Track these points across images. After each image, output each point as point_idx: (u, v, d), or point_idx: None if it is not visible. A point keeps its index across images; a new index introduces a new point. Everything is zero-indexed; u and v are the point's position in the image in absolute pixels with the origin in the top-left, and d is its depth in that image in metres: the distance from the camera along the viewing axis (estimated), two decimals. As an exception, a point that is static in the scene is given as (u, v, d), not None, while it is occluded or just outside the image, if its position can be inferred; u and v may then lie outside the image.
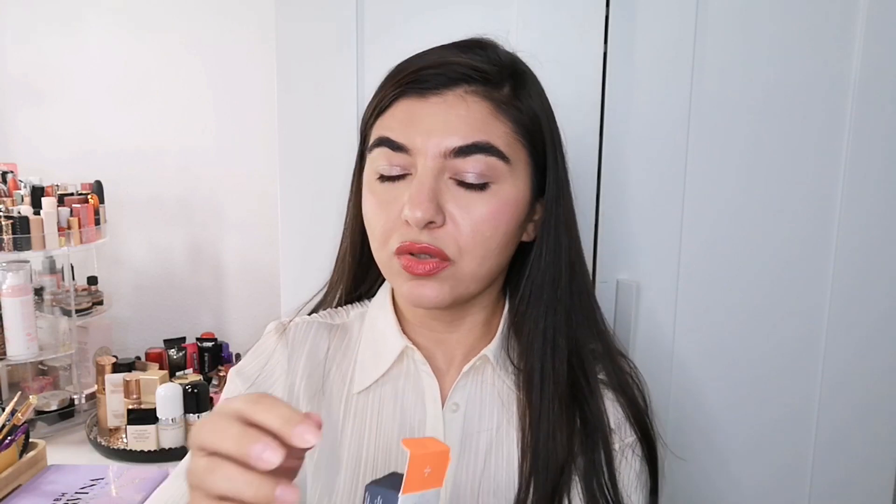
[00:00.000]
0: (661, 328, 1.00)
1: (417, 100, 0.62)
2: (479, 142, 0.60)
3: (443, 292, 0.62)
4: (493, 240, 0.62)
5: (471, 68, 0.62)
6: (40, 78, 1.55)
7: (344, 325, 0.74)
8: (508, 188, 0.62)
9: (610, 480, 0.65)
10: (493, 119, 0.62)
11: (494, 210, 0.61)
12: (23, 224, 1.28)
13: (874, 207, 0.98)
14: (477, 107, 0.62)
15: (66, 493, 1.03)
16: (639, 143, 0.96)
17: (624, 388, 0.70)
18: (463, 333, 0.70)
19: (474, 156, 0.60)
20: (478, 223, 0.61)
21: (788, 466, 1.04)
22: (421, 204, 0.59)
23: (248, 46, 1.49)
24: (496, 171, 0.61)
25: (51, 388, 1.39)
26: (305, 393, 0.70)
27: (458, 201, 0.61)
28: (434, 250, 0.61)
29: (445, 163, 0.61)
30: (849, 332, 1.01)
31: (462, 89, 0.62)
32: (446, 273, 0.62)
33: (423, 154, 0.61)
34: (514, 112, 0.63)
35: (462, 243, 0.61)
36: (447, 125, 0.61)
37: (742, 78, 0.95)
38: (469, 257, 0.62)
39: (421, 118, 0.61)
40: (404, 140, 0.61)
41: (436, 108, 0.61)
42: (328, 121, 0.97)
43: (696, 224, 0.98)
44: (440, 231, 0.61)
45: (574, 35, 0.94)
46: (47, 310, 1.37)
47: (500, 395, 0.69)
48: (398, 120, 0.63)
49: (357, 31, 0.95)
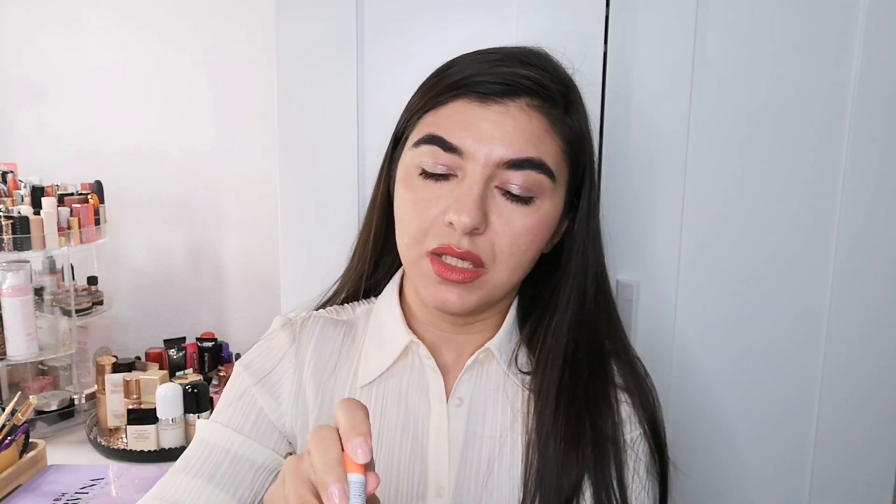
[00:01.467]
0: (660, 328, 1.00)
1: (477, 105, 0.61)
2: (533, 157, 0.61)
3: (469, 300, 0.63)
4: (527, 253, 0.63)
5: (537, 83, 0.62)
6: (40, 78, 1.55)
7: (350, 321, 0.74)
8: (549, 205, 0.63)
9: (620, 495, 0.65)
10: (547, 136, 0.62)
11: (534, 225, 0.62)
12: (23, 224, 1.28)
13: (873, 208, 0.98)
14: (536, 122, 0.62)
15: (66, 493, 1.03)
16: (639, 143, 0.96)
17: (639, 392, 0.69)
18: (473, 335, 0.70)
19: (525, 170, 0.61)
20: (517, 236, 0.61)
21: (788, 465, 1.04)
22: (470, 211, 0.59)
23: (248, 46, 1.49)
24: (542, 187, 0.62)
25: (51, 388, 1.39)
26: (313, 388, 0.70)
27: (502, 212, 0.61)
28: (473, 257, 0.61)
29: (496, 172, 0.61)
30: (848, 331, 1.01)
31: (524, 102, 0.62)
32: (477, 282, 0.62)
33: (475, 160, 0.60)
34: (566, 130, 0.64)
35: (498, 253, 0.62)
36: (504, 135, 0.60)
37: (742, 78, 0.95)
38: (502, 267, 0.62)
39: (478, 123, 0.61)
40: (458, 142, 0.61)
41: (496, 117, 0.61)
42: (328, 121, 0.97)
43: (696, 224, 0.98)
44: (480, 238, 0.61)
45: (574, 35, 0.94)
46: (47, 310, 1.37)
47: (505, 391, 0.69)
48: (454, 120, 0.62)
49: (357, 32, 0.95)
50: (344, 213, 0.98)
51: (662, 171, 0.97)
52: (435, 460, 0.66)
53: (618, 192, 0.97)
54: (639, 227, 0.98)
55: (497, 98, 0.61)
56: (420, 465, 0.66)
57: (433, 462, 0.66)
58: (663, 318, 1.00)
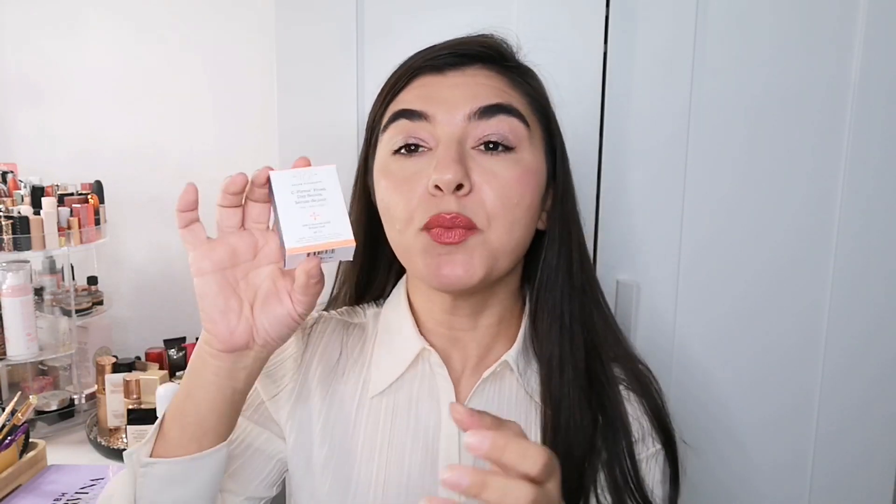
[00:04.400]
0: (661, 328, 1.00)
1: (435, 75, 0.63)
2: (503, 103, 0.61)
3: (473, 267, 0.60)
4: (519, 207, 0.61)
5: (485, 46, 0.64)
6: (40, 78, 1.55)
7: (361, 324, 0.74)
8: (529, 156, 0.63)
9: (633, 469, 0.65)
10: (510, 89, 0.63)
11: (519, 175, 0.61)
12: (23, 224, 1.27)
13: (873, 207, 0.98)
14: (495, 78, 0.63)
15: (66, 493, 1.03)
16: (639, 143, 0.96)
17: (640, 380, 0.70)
18: (480, 332, 0.69)
19: (498, 116, 0.61)
20: (504, 188, 0.60)
21: (789, 464, 1.04)
22: (450, 166, 0.58)
23: (248, 47, 1.49)
24: (518, 134, 0.62)
25: (51, 388, 1.39)
26: (317, 389, 0.70)
27: (484, 168, 0.60)
28: (464, 220, 0.59)
29: (468, 128, 0.61)
30: (848, 331, 1.01)
31: (479, 64, 0.64)
32: (475, 240, 0.60)
33: (445, 122, 0.61)
34: (528, 88, 0.65)
35: (490, 210, 0.60)
36: (466, 93, 0.61)
37: (742, 78, 0.95)
38: (498, 224, 0.60)
39: (440, 90, 0.62)
40: (423, 108, 0.61)
41: (455, 80, 0.62)
42: (328, 121, 0.97)
43: (696, 224, 0.98)
44: (468, 199, 0.59)
45: (574, 35, 0.94)
46: (47, 310, 1.37)
47: (518, 402, 0.68)
48: (415, 94, 0.63)
49: (357, 32, 0.95)
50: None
51: (662, 171, 0.97)
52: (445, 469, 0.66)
53: (618, 192, 0.97)
54: (639, 227, 0.98)
55: (452, 66, 0.63)
56: (431, 474, 0.66)
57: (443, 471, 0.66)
58: (663, 318, 1.00)
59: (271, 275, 0.54)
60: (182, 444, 0.57)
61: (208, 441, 0.57)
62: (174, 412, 0.58)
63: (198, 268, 0.52)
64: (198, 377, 0.56)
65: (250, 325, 0.54)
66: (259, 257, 0.54)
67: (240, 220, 0.54)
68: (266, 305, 0.54)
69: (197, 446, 0.57)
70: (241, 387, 0.57)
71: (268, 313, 0.54)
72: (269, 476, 0.71)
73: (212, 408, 0.56)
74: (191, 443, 0.57)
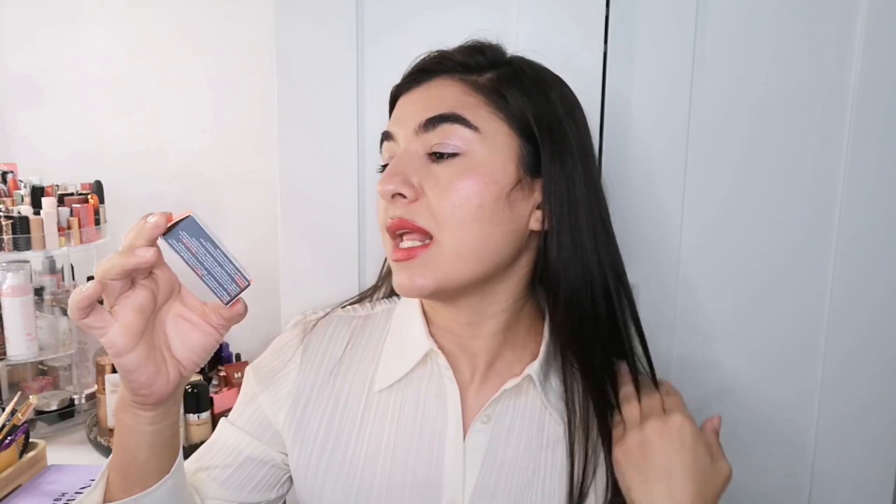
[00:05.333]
0: (661, 328, 1.00)
1: (406, 95, 0.67)
2: (443, 113, 0.62)
3: (424, 278, 0.61)
4: (467, 208, 0.60)
5: (450, 61, 0.66)
6: (40, 78, 1.55)
7: (367, 316, 0.75)
8: (480, 158, 0.61)
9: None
10: (465, 95, 0.63)
11: (463, 176, 0.61)
12: (23, 224, 1.28)
13: (873, 207, 0.98)
14: (450, 88, 0.64)
15: (66, 493, 1.03)
16: (639, 144, 0.96)
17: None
18: (485, 340, 0.68)
19: (441, 126, 0.62)
20: (449, 191, 0.60)
21: (789, 463, 1.04)
22: (387, 178, 0.62)
23: (248, 46, 1.49)
24: (464, 140, 0.61)
25: (51, 388, 1.39)
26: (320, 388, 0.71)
27: (431, 175, 0.62)
28: (410, 224, 0.61)
29: (417, 141, 0.63)
30: (848, 331, 1.01)
31: (440, 77, 0.66)
32: (427, 255, 0.61)
33: (401, 139, 0.64)
34: (491, 92, 0.63)
35: (436, 215, 0.61)
36: (419, 107, 0.64)
37: (742, 78, 0.95)
38: (446, 230, 0.60)
39: (404, 109, 0.66)
40: (390, 128, 0.66)
41: (415, 97, 0.66)
42: (328, 121, 0.97)
43: (696, 224, 0.98)
44: (414, 205, 0.62)
45: (574, 35, 0.94)
46: (47, 310, 1.37)
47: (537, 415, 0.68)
48: (393, 117, 0.68)
49: (357, 31, 0.95)
50: (344, 212, 0.98)
51: (662, 172, 0.97)
52: (451, 472, 0.66)
53: (618, 193, 0.97)
54: (639, 227, 0.98)
55: (418, 83, 0.66)
56: (435, 474, 0.66)
57: (448, 474, 0.66)
58: (663, 317, 1.00)
59: (172, 310, 0.57)
60: (127, 488, 0.58)
61: (154, 479, 0.59)
62: (115, 464, 0.59)
63: (120, 348, 0.52)
64: (133, 432, 0.57)
65: (177, 365, 0.56)
66: (160, 298, 0.56)
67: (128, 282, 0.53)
68: (184, 339, 0.56)
69: (143, 487, 0.58)
70: (173, 419, 0.59)
71: (188, 345, 0.56)
72: (263, 481, 0.71)
73: (150, 453, 0.58)
74: (136, 486, 0.58)
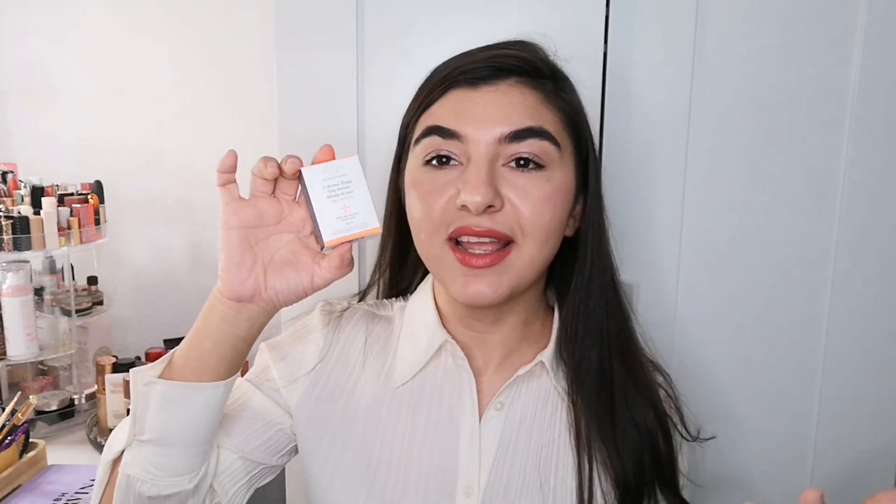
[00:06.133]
0: (661, 328, 1.00)
1: (468, 90, 0.63)
2: (534, 126, 0.61)
3: (501, 286, 0.61)
4: (552, 224, 0.62)
5: (521, 60, 0.64)
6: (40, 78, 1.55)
7: (388, 317, 0.75)
8: (560, 174, 0.63)
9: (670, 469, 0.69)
10: (543, 108, 0.63)
11: (550, 192, 0.62)
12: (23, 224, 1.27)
13: (874, 207, 0.98)
14: (529, 95, 0.63)
15: (66, 493, 1.03)
16: (639, 143, 0.96)
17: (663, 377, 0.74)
18: (504, 334, 0.69)
19: (529, 140, 0.61)
20: (537, 205, 0.61)
21: (789, 463, 1.04)
22: (479, 188, 0.59)
23: (248, 46, 1.49)
24: (549, 155, 0.62)
25: (51, 388, 1.39)
26: (335, 379, 0.71)
27: (515, 185, 0.61)
28: (497, 234, 0.60)
29: (499, 149, 0.61)
30: (848, 330, 1.01)
31: (513, 79, 0.63)
32: (506, 263, 0.61)
33: (477, 142, 0.61)
34: (561, 103, 0.65)
35: (524, 225, 0.61)
36: (499, 112, 0.61)
37: (742, 78, 0.95)
38: (531, 240, 0.61)
39: (473, 107, 0.62)
40: (455, 127, 0.61)
41: (488, 97, 0.62)
42: (328, 121, 0.97)
43: (696, 224, 0.98)
44: (500, 215, 0.60)
45: (574, 35, 0.94)
46: (47, 310, 1.37)
47: (550, 400, 0.69)
48: (448, 109, 0.63)
49: (357, 31, 0.95)
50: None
51: (662, 171, 0.97)
52: (466, 459, 0.66)
53: (618, 192, 0.97)
54: (639, 227, 0.98)
55: (486, 80, 0.63)
56: (451, 462, 0.67)
57: (464, 461, 0.66)
58: (663, 317, 1.00)
59: (290, 243, 0.58)
60: (184, 374, 0.60)
61: (207, 376, 0.60)
62: (183, 346, 0.61)
63: (225, 221, 0.57)
64: (206, 318, 0.60)
65: (259, 282, 0.57)
66: (282, 224, 0.58)
67: (271, 188, 0.58)
68: (281, 270, 0.58)
69: (196, 377, 0.60)
70: (243, 335, 0.60)
71: (280, 277, 0.58)
72: (268, 443, 0.70)
73: (213, 348, 0.60)
74: (191, 373, 0.60)
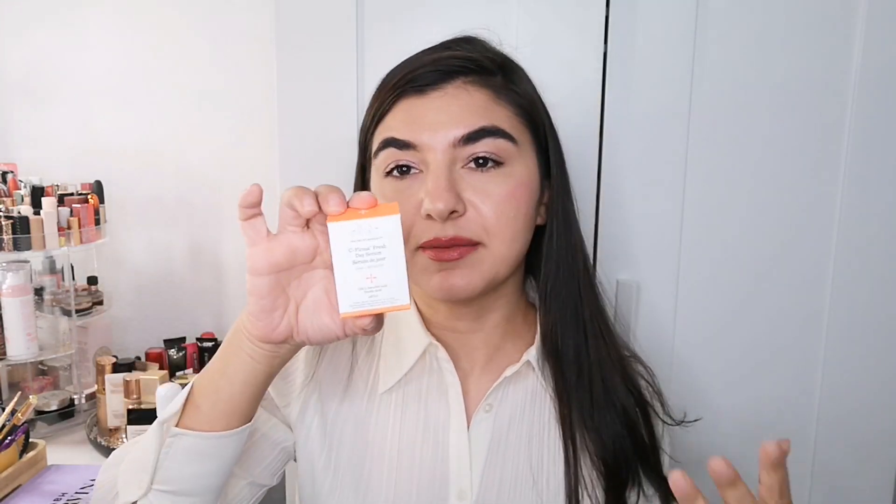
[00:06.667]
0: (661, 328, 1.00)
1: (417, 97, 0.63)
2: (486, 126, 0.61)
3: (473, 278, 0.62)
4: (517, 220, 0.62)
5: (465, 59, 0.63)
6: (40, 77, 1.55)
7: None
8: (520, 168, 0.63)
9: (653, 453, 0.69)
10: (494, 104, 0.63)
11: (512, 189, 0.62)
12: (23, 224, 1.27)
13: (874, 206, 0.98)
14: (478, 94, 0.63)
15: (66, 493, 1.03)
16: (639, 143, 0.96)
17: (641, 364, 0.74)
18: (487, 332, 0.70)
19: (483, 140, 0.61)
20: (499, 204, 0.61)
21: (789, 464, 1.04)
22: (441, 195, 0.59)
23: (249, 46, 1.49)
24: (507, 152, 0.62)
25: (51, 388, 1.39)
26: (327, 384, 0.71)
27: (476, 187, 0.61)
28: (462, 240, 0.60)
29: (456, 152, 0.61)
30: (848, 330, 1.01)
31: (460, 80, 0.63)
32: (475, 256, 0.61)
33: (432, 149, 0.61)
34: (513, 96, 0.64)
35: (489, 227, 0.61)
36: (451, 116, 0.61)
37: (742, 78, 0.95)
38: (498, 240, 0.62)
39: (424, 114, 0.62)
40: (409, 137, 0.61)
41: (438, 102, 0.62)
42: (328, 120, 0.97)
43: (696, 224, 0.98)
44: (463, 220, 0.61)
45: (574, 35, 0.94)
46: (47, 310, 1.37)
47: (538, 398, 0.69)
48: (400, 120, 0.63)
49: (357, 31, 0.95)
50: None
51: (662, 171, 0.97)
52: (457, 464, 0.66)
53: (618, 192, 0.97)
54: (639, 227, 0.98)
55: (434, 85, 0.63)
56: (441, 467, 0.67)
57: (455, 465, 0.66)
58: (663, 317, 1.00)
59: (324, 280, 0.52)
60: (211, 419, 0.57)
61: (236, 420, 0.57)
62: (206, 388, 0.57)
63: (253, 266, 0.50)
64: (235, 357, 0.56)
65: (292, 324, 0.52)
66: (316, 260, 0.52)
67: (304, 221, 0.50)
68: (315, 313, 0.52)
69: (226, 423, 0.57)
70: (274, 371, 0.57)
71: (314, 320, 0.52)
72: (273, 463, 0.71)
73: (244, 388, 0.56)
74: (220, 419, 0.57)
